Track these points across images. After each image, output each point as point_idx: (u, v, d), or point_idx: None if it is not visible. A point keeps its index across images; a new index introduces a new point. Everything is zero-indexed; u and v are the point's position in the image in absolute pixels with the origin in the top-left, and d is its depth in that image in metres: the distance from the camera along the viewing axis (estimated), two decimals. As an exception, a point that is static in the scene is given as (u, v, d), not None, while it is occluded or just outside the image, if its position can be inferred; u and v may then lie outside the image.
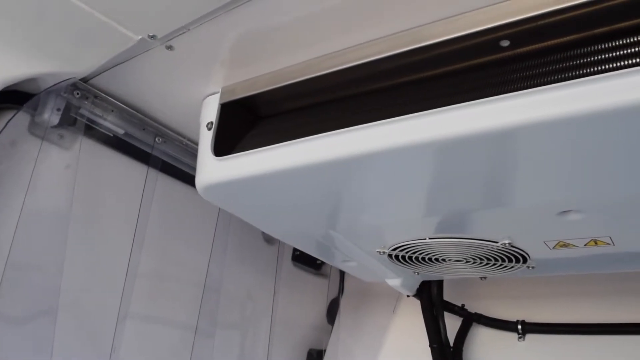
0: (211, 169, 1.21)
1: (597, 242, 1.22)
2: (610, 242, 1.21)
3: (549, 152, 0.92)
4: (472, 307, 1.95)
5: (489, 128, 0.89)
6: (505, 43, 0.98)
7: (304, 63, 1.15)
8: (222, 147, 1.23)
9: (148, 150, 1.58)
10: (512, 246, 1.28)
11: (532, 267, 1.44)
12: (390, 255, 1.44)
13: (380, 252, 1.43)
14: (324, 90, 1.18)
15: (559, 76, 0.90)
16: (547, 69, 0.94)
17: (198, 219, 1.77)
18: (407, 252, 1.40)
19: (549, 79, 0.90)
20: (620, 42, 0.89)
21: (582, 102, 0.82)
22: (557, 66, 0.93)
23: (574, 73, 0.88)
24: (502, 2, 0.94)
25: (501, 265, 1.42)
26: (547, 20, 0.92)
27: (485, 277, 1.62)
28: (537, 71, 0.94)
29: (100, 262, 1.51)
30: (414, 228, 1.29)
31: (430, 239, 1.30)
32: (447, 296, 1.92)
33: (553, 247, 1.28)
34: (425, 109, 0.94)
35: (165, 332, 1.67)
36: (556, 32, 0.94)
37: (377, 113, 1.03)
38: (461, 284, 2.02)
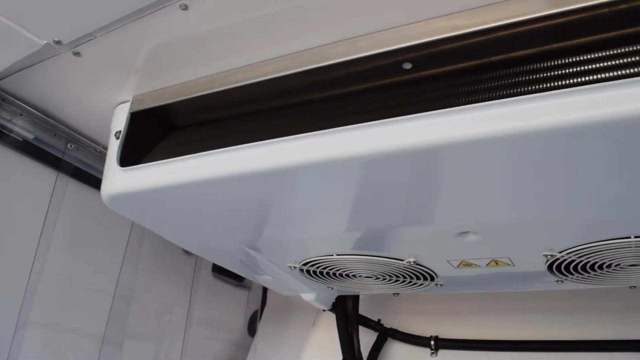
0: (115, 179, 1.19)
1: (498, 262, 1.26)
2: (510, 262, 1.25)
3: (446, 175, 0.94)
4: (389, 322, 1.97)
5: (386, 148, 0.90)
6: (407, 65, 1.00)
7: (213, 76, 1.15)
8: (129, 157, 1.20)
9: (59, 155, 1.54)
10: (418, 264, 1.30)
11: (441, 285, 1.47)
12: (301, 270, 1.44)
13: (291, 266, 1.43)
14: (234, 103, 1.18)
15: (458, 100, 0.92)
16: (447, 92, 0.96)
17: (112, 227, 1.73)
18: (317, 267, 1.41)
19: (448, 102, 0.92)
20: (514, 70, 0.92)
21: (473, 127, 0.84)
22: (457, 90, 0.95)
23: (472, 98, 0.90)
24: (404, 25, 0.95)
25: (410, 282, 1.44)
26: (446, 46, 0.95)
27: (398, 293, 1.64)
28: (438, 94, 0.97)
29: (2, 268, 1.46)
30: (321, 244, 1.29)
31: (337, 255, 1.31)
32: (365, 311, 1.94)
33: (457, 266, 1.30)
34: (326, 127, 0.94)
35: (71, 341, 1.62)
36: (456, 58, 0.97)
37: (287, 128, 1.03)
38: (379, 299, 2.05)
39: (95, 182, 1.65)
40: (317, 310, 2.18)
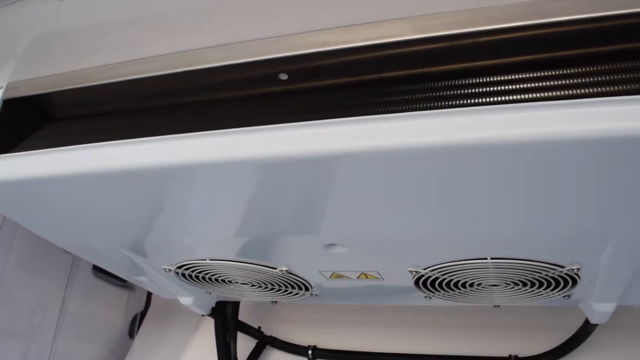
0: (-22, 167, 1.13)
1: (368, 275, 1.29)
2: (379, 276, 1.28)
3: (310, 187, 0.95)
4: (269, 330, 1.98)
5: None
6: (284, 76, 1.01)
7: (89, 70, 1.11)
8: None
9: None
10: (290, 273, 1.31)
11: (316, 295, 1.48)
12: (176, 273, 1.42)
13: (166, 269, 1.41)
14: (110, 99, 1.16)
15: (329, 114, 0.93)
16: (320, 106, 0.98)
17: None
18: (192, 271, 1.39)
19: (318, 115, 0.94)
20: (385, 90, 0.95)
21: (338, 142, 0.85)
22: (329, 105, 0.97)
23: (342, 113, 0.92)
24: (281, 36, 0.96)
25: (285, 291, 1.45)
26: (319, 61, 0.96)
27: (276, 302, 1.65)
28: (310, 107, 0.99)
29: None
30: (196, 248, 1.28)
31: (211, 260, 1.30)
32: (247, 317, 1.94)
33: (329, 277, 1.32)
34: (192, 131, 0.94)
35: None
36: (329, 73, 0.99)
37: (158, 129, 1.01)
38: (261, 307, 2.05)
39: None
40: (200, 315, 2.15)
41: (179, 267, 1.38)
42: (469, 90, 0.89)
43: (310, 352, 1.87)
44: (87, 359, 2.02)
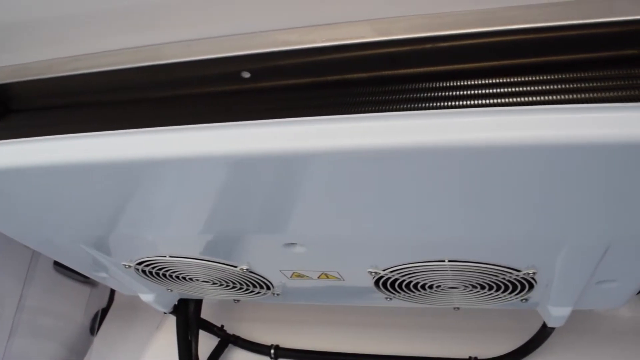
0: None
1: (328, 275, 1.29)
2: (339, 276, 1.29)
3: (270, 185, 0.95)
4: (232, 329, 1.97)
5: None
6: (246, 75, 1.01)
7: (49, 61, 1.10)
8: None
9: None
10: (251, 272, 1.31)
11: (278, 294, 1.48)
12: (137, 269, 1.41)
13: (126, 265, 1.39)
14: (70, 92, 1.14)
15: (290, 113, 0.93)
16: (283, 105, 0.98)
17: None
18: (152, 268, 1.38)
19: (281, 114, 0.94)
20: (348, 91, 0.96)
21: (294, 141, 0.85)
22: (293, 104, 0.97)
23: (304, 112, 0.92)
24: (243, 34, 0.96)
25: (247, 290, 1.45)
26: (282, 60, 0.96)
27: (238, 300, 1.64)
28: (273, 105, 0.98)
29: None
30: (156, 244, 1.27)
31: (170, 257, 1.29)
32: (210, 316, 1.93)
33: (290, 277, 1.32)
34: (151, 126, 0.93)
35: None
36: (292, 72, 0.99)
37: (120, 124, 1.00)
38: (225, 305, 2.05)
39: None
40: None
41: (139, 264, 1.37)
42: (430, 94, 0.90)
43: (272, 351, 1.88)
44: (45, 356, 1.98)
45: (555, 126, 0.69)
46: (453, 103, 0.84)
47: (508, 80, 0.85)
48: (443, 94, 0.89)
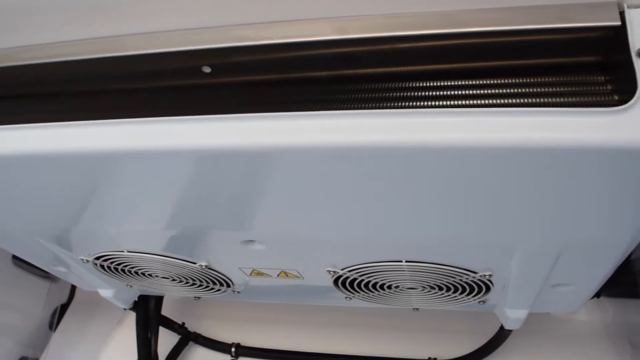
0: None
1: (288, 274, 1.29)
2: (299, 275, 1.29)
3: (228, 180, 0.94)
4: (194, 326, 1.96)
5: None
6: (207, 69, 1.00)
7: (10, 49, 1.07)
8: None
9: None
10: (210, 269, 1.30)
11: (239, 292, 1.48)
12: (95, 264, 1.39)
13: (84, 259, 1.37)
14: (29, 81, 1.12)
15: (249, 109, 0.93)
16: (243, 100, 0.98)
17: None
18: (111, 263, 1.36)
19: (240, 110, 0.93)
20: (309, 89, 0.96)
21: (251, 137, 0.85)
22: (249, 100, 0.97)
23: (263, 109, 0.92)
24: (204, 28, 0.95)
25: (207, 287, 1.44)
26: (241, 55, 0.96)
27: (199, 297, 1.63)
28: (233, 101, 0.98)
29: None
30: (114, 239, 1.25)
31: (129, 252, 1.28)
32: (171, 313, 1.92)
33: (250, 275, 1.32)
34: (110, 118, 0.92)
35: None
36: (253, 68, 0.98)
37: (83, 114, 0.98)
38: (187, 302, 2.03)
39: None
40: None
41: (97, 258, 1.35)
42: (387, 95, 0.91)
43: (233, 349, 1.87)
44: (1, 352, 1.95)
45: (492, 129, 0.69)
46: (406, 104, 0.85)
47: (462, 83, 0.86)
48: (399, 94, 0.90)
